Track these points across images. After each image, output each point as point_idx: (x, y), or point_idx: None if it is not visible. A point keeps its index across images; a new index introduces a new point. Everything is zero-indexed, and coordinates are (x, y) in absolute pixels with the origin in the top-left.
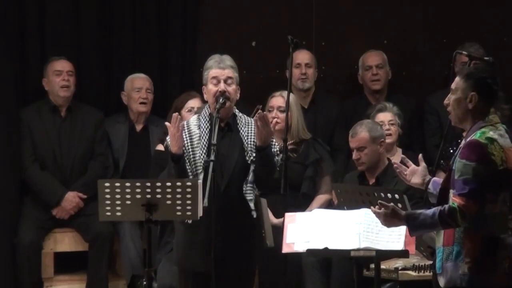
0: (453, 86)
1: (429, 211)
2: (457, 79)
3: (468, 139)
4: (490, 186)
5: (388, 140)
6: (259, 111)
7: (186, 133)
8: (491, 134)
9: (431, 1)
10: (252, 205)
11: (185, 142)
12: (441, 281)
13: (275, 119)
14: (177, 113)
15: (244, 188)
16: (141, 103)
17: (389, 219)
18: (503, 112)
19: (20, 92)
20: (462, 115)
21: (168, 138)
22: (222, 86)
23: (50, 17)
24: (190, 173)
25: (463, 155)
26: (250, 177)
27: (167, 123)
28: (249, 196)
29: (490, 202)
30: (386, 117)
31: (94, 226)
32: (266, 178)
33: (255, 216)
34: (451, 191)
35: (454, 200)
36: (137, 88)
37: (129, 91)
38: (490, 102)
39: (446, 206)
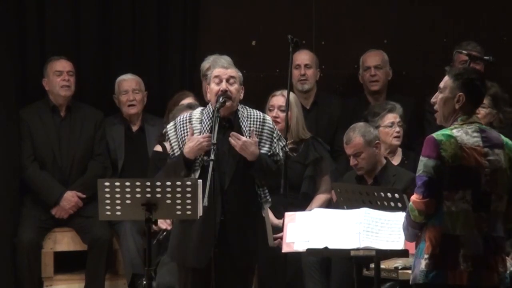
0: (441, 84)
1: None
2: (446, 78)
3: None
4: (443, 182)
5: (397, 142)
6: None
7: (188, 126)
8: (453, 131)
9: (431, 1)
10: (267, 206)
11: (186, 136)
12: (411, 278)
13: (276, 119)
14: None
15: (258, 192)
16: (129, 105)
17: None
18: (506, 115)
19: (20, 92)
20: (448, 114)
21: (172, 138)
22: (223, 85)
23: (50, 17)
24: None
25: (422, 151)
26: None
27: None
28: (264, 199)
29: (447, 199)
30: (396, 118)
31: (92, 229)
32: (268, 183)
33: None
34: None
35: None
36: (124, 90)
37: (117, 94)
38: (476, 103)
39: None
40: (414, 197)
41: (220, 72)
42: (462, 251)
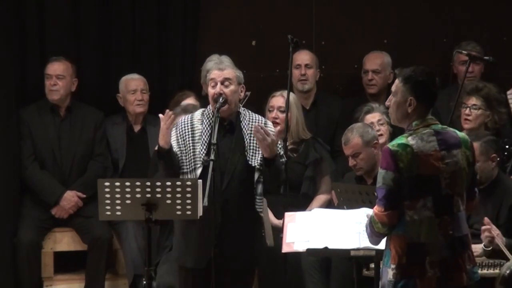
0: (393, 88)
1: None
2: (396, 81)
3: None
4: (403, 193)
5: (381, 140)
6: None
7: (189, 127)
8: (409, 139)
9: (431, 1)
10: (262, 215)
11: (187, 136)
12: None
13: (276, 120)
14: (170, 112)
15: (256, 201)
16: (137, 104)
17: None
18: (501, 115)
19: (20, 92)
20: (401, 117)
21: (172, 137)
22: (217, 88)
23: (50, 17)
24: (187, 168)
25: (380, 163)
26: (259, 189)
27: (160, 115)
28: (260, 208)
29: (409, 209)
30: (375, 118)
31: (93, 229)
32: (275, 187)
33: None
34: None
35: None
36: (132, 90)
37: (124, 93)
38: (428, 105)
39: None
40: (376, 209)
41: (216, 75)
42: (428, 258)
